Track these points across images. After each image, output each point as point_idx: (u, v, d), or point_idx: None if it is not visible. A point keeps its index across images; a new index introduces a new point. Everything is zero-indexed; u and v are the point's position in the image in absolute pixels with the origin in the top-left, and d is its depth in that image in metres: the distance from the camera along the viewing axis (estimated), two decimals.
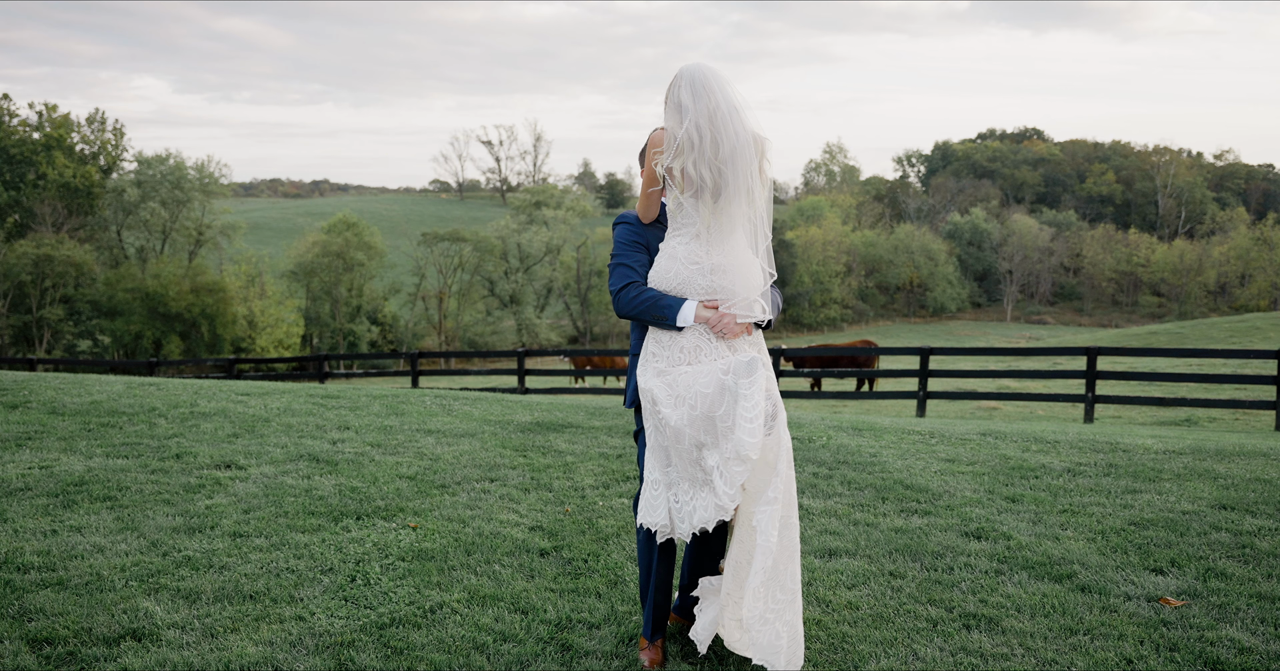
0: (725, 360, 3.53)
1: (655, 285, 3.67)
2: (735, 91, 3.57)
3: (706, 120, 3.50)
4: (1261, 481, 6.48)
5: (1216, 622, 4.05)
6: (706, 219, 3.58)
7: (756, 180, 3.59)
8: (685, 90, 3.54)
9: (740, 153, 3.51)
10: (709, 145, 3.50)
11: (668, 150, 3.56)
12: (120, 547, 4.71)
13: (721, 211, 3.56)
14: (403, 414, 8.51)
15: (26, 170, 60.05)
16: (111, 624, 3.85)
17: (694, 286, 3.61)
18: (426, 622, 3.95)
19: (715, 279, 3.60)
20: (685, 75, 3.56)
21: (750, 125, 3.56)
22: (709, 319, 3.58)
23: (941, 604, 4.24)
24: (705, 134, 3.50)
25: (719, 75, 3.56)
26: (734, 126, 3.52)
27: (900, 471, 6.67)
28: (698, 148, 3.51)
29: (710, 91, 3.52)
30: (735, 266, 3.60)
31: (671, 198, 3.63)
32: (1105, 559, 4.83)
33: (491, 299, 69.28)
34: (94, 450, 6.69)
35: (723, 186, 3.54)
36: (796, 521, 3.59)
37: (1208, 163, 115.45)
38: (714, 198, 3.55)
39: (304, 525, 5.11)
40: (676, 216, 3.65)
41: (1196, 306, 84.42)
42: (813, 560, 4.79)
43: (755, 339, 3.74)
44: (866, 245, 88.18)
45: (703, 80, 3.53)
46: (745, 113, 3.56)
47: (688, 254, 3.61)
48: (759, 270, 3.66)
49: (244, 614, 3.99)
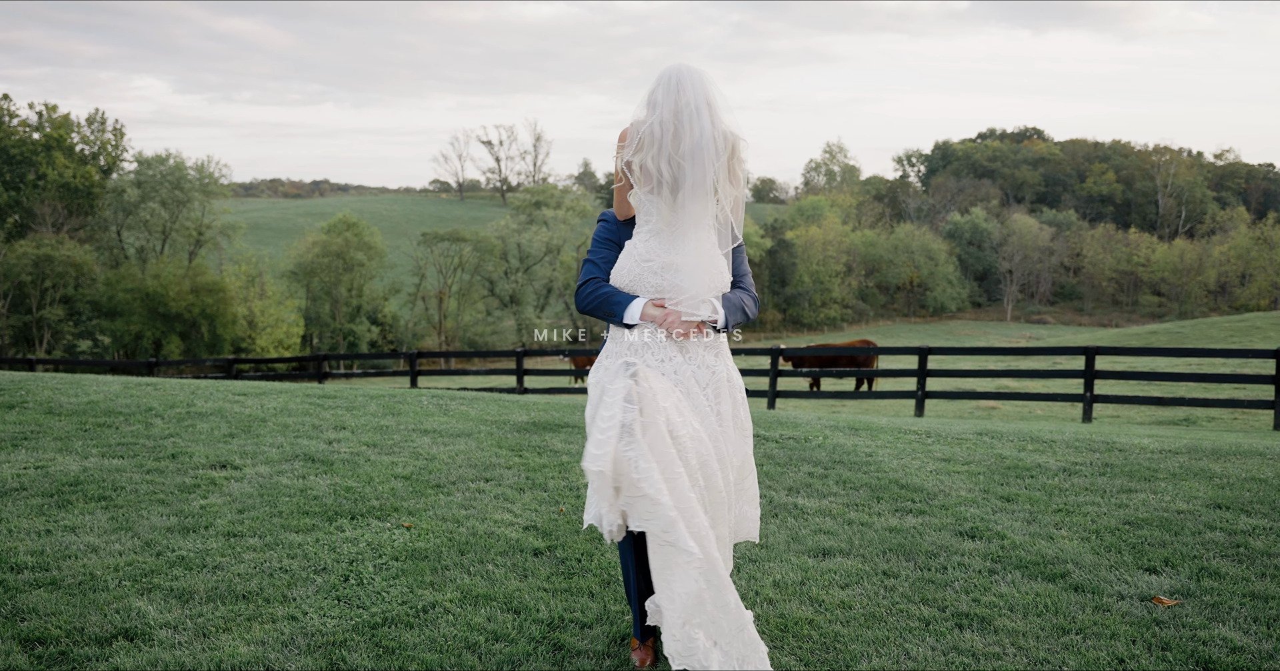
0: (673, 362, 3.51)
1: (613, 282, 3.67)
2: (713, 91, 3.53)
3: (671, 115, 3.47)
4: (1257, 480, 6.48)
5: (1209, 622, 4.05)
6: (665, 215, 3.54)
7: (724, 178, 3.54)
8: (660, 88, 3.52)
9: (703, 148, 3.45)
10: (670, 140, 3.46)
11: (629, 145, 3.54)
12: (114, 547, 4.71)
13: (680, 208, 3.52)
14: (399, 414, 8.51)
15: (26, 170, 60.10)
16: (104, 623, 3.84)
17: (645, 284, 3.59)
18: (419, 622, 3.95)
19: (666, 277, 3.56)
20: (663, 74, 3.55)
21: (722, 123, 3.51)
22: (655, 317, 3.55)
23: (934, 603, 4.24)
24: (668, 129, 3.46)
25: (696, 74, 3.53)
26: (700, 122, 3.46)
27: (896, 471, 6.67)
28: (658, 142, 3.47)
29: (683, 89, 3.49)
30: (689, 265, 3.55)
31: (632, 194, 3.62)
32: (1099, 558, 4.83)
33: (491, 299, 69.34)
34: (90, 450, 6.69)
35: (681, 182, 3.49)
36: (681, 535, 3.14)
37: (1208, 162, 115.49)
38: (672, 193, 3.51)
39: (298, 525, 5.11)
40: (639, 213, 3.63)
41: (1197, 306, 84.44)
42: (806, 560, 4.79)
43: (713, 342, 3.64)
44: (866, 245, 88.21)
45: (678, 78, 3.51)
46: (718, 110, 3.52)
47: (644, 251, 3.59)
48: (721, 270, 3.63)
49: (236, 613, 3.99)
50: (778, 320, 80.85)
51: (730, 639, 3.24)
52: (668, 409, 3.28)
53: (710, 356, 3.61)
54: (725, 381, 3.64)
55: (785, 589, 4.39)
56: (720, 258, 3.64)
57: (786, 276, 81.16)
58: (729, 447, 3.58)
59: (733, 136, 3.55)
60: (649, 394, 3.21)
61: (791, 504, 5.76)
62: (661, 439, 3.20)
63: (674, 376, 3.53)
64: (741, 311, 3.69)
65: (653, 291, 3.59)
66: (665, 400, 3.30)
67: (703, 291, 3.57)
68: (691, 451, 3.34)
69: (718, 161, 3.50)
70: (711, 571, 3.19)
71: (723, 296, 3.66)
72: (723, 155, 3.51)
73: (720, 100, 3.55)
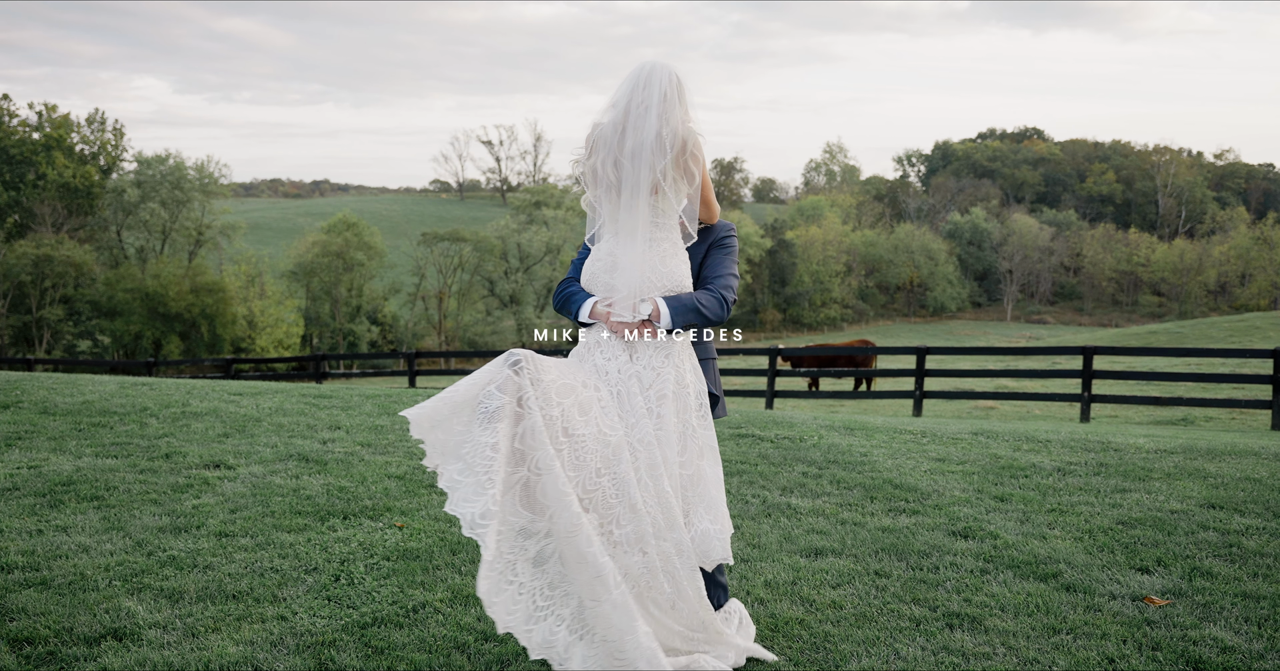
0: (617, 361, 3.48)
1: (580, 281, 3.71)
2: (672, 87, 3.45)
3: (623, 114, 3.45)
4: (1251, 480, 6.47)
5: (1200, 621, 4.04)
6: (613, 215, 3.53)
7: (674, 176, 3.47)
8: (623, 86, 3.50)
9: (645, 146, 3.40)
10: (617, 141, 3.44)
11: (586, 148, 3.54)
12: (105, 547, 4.71)
13: (626, 207, 3.49)
14: (395, 413, 8.51)
15: (26, 170, 60.10)
16: (93, 623, 3.84)
17: (598, 283, 3.60)
18: (409, 622, 3.95)
19: (613, 277, 3.54)
20: (630, 72, 3.53)
21: (674, 120, 3.45)
22: (600, 316, 3.57)
23: (925, 603, 4.24)
24: (618, 129, 3.44)
25: (659, 70, 3.48)
26: (647, 120, 3.41)
27: (890, 470, 6.66)
28: (608, 143, 3.46)
29: (638, 87, 3.46)
30: (630, 264, 3.51)
31: (584, 198, 3.62)
32: (1091, 558, 4.82)
33: (491, 299, 69.31)
34: (83, 450, 6.69)
35: (624, 181, 3.46)
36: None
37: (1208, 162, 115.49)
38: (618, 193, 3.49)
39: (290, 525, 5.11)
40: (595, 214, 3.62)
41: (1197, 306, 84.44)
42: (798, 559, 4.78)
43: (663, 344, 3.52)
44: (866, 245, 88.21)
45: (641, 75, 3.48)
46: (671, 107, 3.45)
47: (601, 251, 3.60)
48: (670, 271, 3.54)
49: (226, 613, 3.98)
50: (777, 320, 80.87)
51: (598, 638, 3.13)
52: (565, 405, 3.23)
53: (659, 358, 3.51)
54: (673, 385, 3.49)
55: (776, 588, 4.39)
56: (673, 257, 3.56)
57: (786, 276, 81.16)
58: (665, 454, 3.42)
59: (685, 132, 3.46)
60: (528, 387, 3.14)
61: (785, 503, 5.76)
62: (538, 433, 3.12)
63: (616, 376, 3.46)
64: (695, 312, 3.53)
65: (604, 290, 3.59)
66: (566, 397, 3.25)
67: (639, 291, 3.52)
68: (592, 452, 3.25)
69: (662, 159, 3.42)
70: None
71: (673, 297, 3.53)
72: (669, 153, 3.42)
73: (678, 95, 3.47)
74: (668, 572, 3.34)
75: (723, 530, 3.48)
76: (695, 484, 3.51)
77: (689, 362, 3.62)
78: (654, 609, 3.36)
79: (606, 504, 3.28)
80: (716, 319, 3.59)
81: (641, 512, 3.29)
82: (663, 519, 3.35)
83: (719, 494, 3.54)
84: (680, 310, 3.50)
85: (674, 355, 3.53)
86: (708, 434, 3.57)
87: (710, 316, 3.56)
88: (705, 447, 3.55)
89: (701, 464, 3.52)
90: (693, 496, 3.49)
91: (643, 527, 3.28)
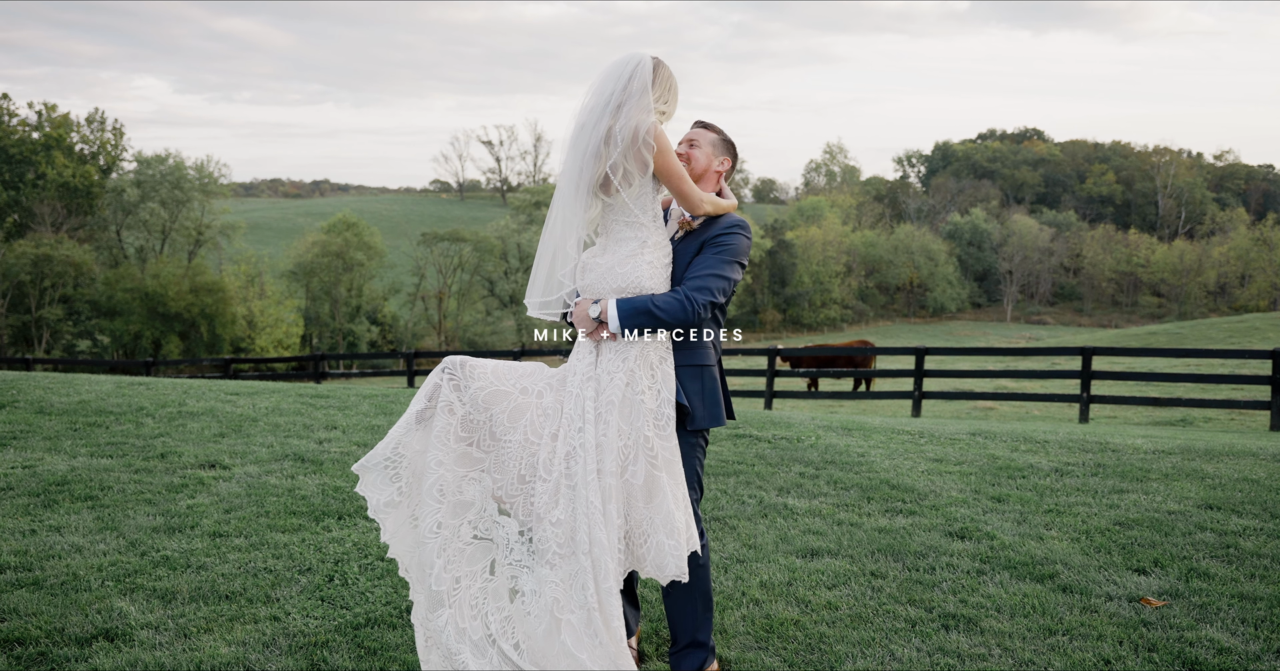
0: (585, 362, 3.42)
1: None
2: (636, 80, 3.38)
3: (585, 112, 3.42)
4: (1249, 481, 6.45)
5: (1197, 623, 4.02)
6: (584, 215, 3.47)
7: (621, 170, 3.38)
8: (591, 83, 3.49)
9: (592, 144, 3.36)
10: (583, 138, 3.39)
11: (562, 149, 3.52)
12: (99, 547, 4.69)
13: (590, 207, 3.46)
14: (392, 413, 8.49)
15: (26, 170, 60.06)
16: (85, 624, 3.82)
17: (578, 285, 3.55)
18: (402, 623, 3.93)
19: (583, 277, 3.51)
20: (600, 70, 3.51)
21: (630, 110, 3.36)
22: (573, 317, 3.50)
23: (921, 604, 4.22)
24: (585, 128, 3.40)
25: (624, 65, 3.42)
26: (603, 119, 3.37)
27: (887, 471, 6.64)
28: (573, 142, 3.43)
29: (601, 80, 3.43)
30: (594, 265, 3.48)
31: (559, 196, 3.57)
32: (1088, 559, 4.81)
33: (491, 299, 69.28)
34: (79, 449, 6.67)
35: (567, 180, 3.42)
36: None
37: (1208, 163, 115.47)
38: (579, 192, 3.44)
39: (285, 525, 5.09)
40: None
41: (1196, 307, 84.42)
42: (794, 560, 4.77)
43: (621, 347, 3.40)
44: (866, 245, 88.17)
45: (606, 71, 3.44)
46: (631, 98, 3.37)
47: (585, 253, 3.57)
48: (627, 271, 3.42)
49: (219, 614, 3.96)
50: (777, 320, 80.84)
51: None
52: (494, 411, 3.35)
53: (616, 362, 3.39)
54: (621, 390, 3.35)
55: (772, 589, 4.37)
56: (635, 257, 3.44)
57: (786, 277, 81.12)
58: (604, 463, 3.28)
59: (638, 121, 3.35)
60: (449, 393, 3.34)
61: (781, 504, 5.74)
62: (446, 433, 3.32)
63: (577, 378, 3.40)
64: (647, 315, 3.34)
65: (580, 292, 3.54)
66: (497, 403, 3.36)
67: (595, 293, 3.47)
68: (514, 458, 3.33)
69: (603, 158, 3.36)
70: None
71: (626, 298, 3.39)
72: (620, 146, 3.35)
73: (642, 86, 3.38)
74: (577, 586, 3.24)
75: (678, 545, 3.29)
76: (650, 497, 3.33)
77: (650, 368, 3.43)
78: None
79: (527, 510, 3.34)
80: (675, 321, 3.37)
81: (560, 524, 3.26)
82: (575, 536, 3.25)
83: (678, 509, 3.33)
84: (629, 312, 3.34)
85: (630, 359, 3.39)
86: (665, 445, 3.36)
87: (665, 318, 3.35)
88: (662, 460, 3.34)
89: (658, 476, 3.32)
90: (647, 510, 3.32)
91: (547, 542, 3.26)
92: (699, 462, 3.59)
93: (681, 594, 3.54)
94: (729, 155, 3.70)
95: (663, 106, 3.47)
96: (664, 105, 3.47)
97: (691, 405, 3.50)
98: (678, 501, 3.35)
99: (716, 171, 3.68)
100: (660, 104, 3.45)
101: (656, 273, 3.46)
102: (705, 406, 3.53)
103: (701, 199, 3.48)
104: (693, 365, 3.54)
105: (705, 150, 3.66)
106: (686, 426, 3.50)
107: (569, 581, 3.23)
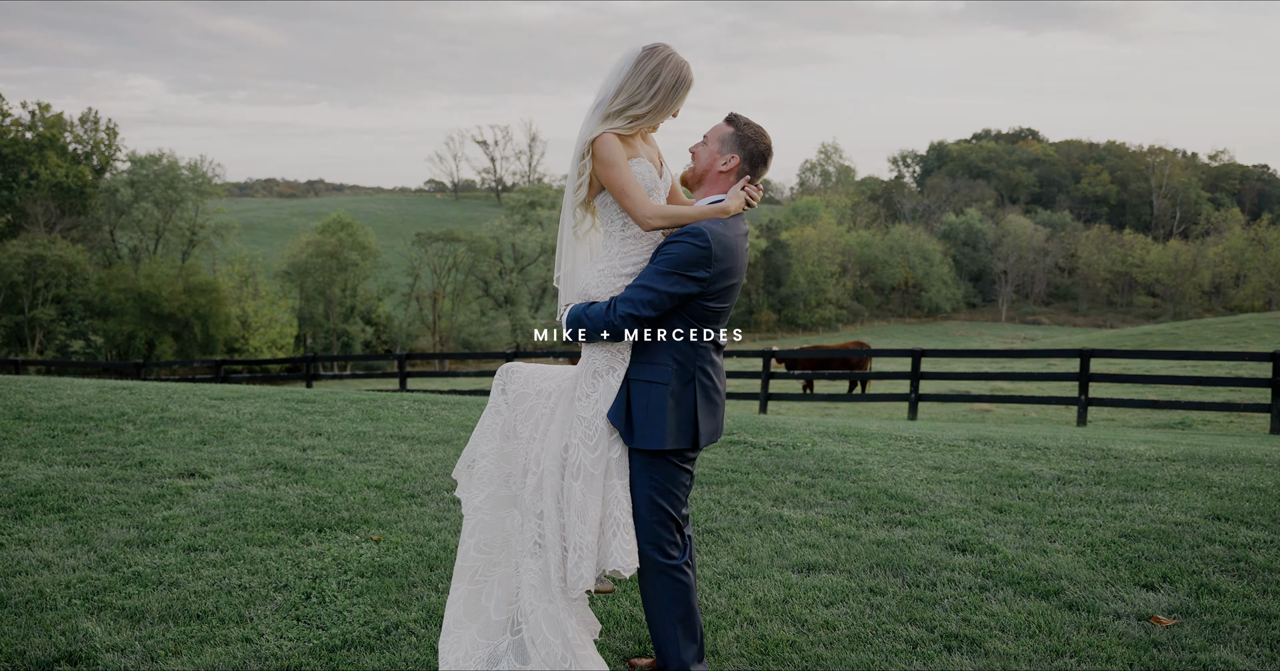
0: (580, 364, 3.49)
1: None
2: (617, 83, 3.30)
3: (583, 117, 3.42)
4: (1256, 490, 6.29)
5: (1209, 643, 3.86)
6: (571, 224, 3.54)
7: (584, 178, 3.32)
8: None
9: (575, 153, 3.34)
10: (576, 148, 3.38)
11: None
12: (68, 563, 4.51)
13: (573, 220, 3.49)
14: (378, 419, 8.31)
15: (19, 170, 59.77)
16: (48, 646, 3.65)
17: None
18: (380, 644, 3.76)
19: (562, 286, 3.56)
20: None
21: (589, 124, 3.31)
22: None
23: (922, 623, 4.06)
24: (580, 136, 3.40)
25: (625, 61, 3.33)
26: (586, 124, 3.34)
27: (885, 480, 6.47)
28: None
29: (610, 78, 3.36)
30: (568, 274, 3.51)
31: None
32: (1094, 573, 4.64)
33: (486, 299, 69.06)
34: (55, 457, 6.48)
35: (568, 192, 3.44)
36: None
37: (1202, 163, 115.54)
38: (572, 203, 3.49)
39: (262, 538, 4.91)
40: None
41: (1191, 307, 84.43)
42: (790, 575, 4.60)
43: (584, 352, 3.40)
44: (861, 245, 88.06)
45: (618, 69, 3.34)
46: (602, 103, 3.32)
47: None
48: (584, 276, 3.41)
49: (189, 634, 3.79)
50: (772, 321, 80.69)
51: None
52: (517, 411, 3.53)
53: (580, 367, 3.44)
54: (570, 394, 3.40)
55: (767, 607, 4.20)
56: (592, 263, 3.43)
57: (781, 277, 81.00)
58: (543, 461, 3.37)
59: (588, 131, 3.30)
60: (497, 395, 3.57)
61: (776, 515, 5.57)
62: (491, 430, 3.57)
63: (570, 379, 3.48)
64: (579, 322, 3.31)
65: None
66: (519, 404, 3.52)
67: (566, 298, 3.50)
68: (520, 453, 3.49)
69: (577, 163, 3.34)
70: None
71: (576, 305, 3.37)
72: (585, 155, 3.30)
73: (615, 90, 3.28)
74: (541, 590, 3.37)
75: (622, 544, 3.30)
76: (569, 504, 3.31)
77: (594, 377, 3.36)
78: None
79: (524, 504, 3.45)
80: (595, 330, 3.26)
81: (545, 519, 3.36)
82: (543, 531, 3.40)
83: (583, 523, 3.26)
84: (571, 318, 3.35)
85: (583, 365, 3.41)
86: (589, 456, 3.30)
87: (589, 327, 3.27)
88: (577, 469, 3.30)
89: (571, 485, 3.30)
90: (560, 517, 3.32)
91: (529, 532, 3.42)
92: (653, 485, 3.32)
93: (659, 617, 3.39)
94: (738, 151, 3.36)
95: (642, 107, 3.27)
96: (645, 106, 3.27)
97: (621, 420, 3.31)
98: (585, 515, 3.27)
99: (721, 171, 3.37)
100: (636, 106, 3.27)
101: (606, 280, 3.36)
102: (642, 425, 3.29)
103: (649, 214, 3.24)
104: (641, 381, 3.33)
105: (709, 147, 3.39)
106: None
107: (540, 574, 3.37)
